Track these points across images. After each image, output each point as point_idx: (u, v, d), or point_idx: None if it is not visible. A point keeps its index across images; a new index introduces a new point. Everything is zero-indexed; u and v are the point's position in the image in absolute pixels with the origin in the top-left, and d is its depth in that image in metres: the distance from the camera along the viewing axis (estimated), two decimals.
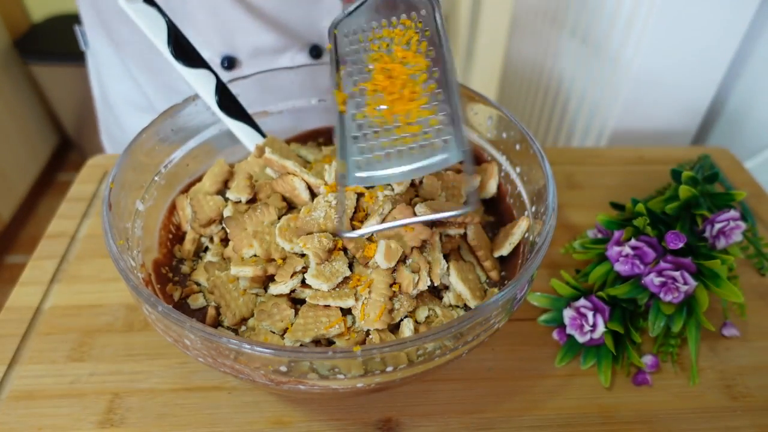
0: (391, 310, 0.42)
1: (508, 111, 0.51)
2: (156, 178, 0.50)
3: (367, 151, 0.38)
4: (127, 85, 0.80)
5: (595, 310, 0.51)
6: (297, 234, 0.44)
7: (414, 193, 0.49)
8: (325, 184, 0.46)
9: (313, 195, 0.48)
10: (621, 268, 0.51)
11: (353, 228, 0.44)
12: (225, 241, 0.50)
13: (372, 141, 0.39)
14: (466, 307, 0.45)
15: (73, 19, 0.83)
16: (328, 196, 0.45)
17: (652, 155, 0.77)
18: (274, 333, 0.43)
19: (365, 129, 0.39)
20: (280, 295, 0.44)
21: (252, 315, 0.45)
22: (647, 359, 0.52)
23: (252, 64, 0.74)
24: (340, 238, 0.40)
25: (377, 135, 0.39)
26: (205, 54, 0.57)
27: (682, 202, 0.55)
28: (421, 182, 0.49)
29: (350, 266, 0.44)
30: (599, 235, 0.59)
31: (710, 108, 0.90)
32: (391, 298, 0.42)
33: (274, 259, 0.45)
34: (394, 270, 0.43)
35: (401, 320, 0.43)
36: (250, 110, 0.52)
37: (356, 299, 0.42)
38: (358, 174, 0.38)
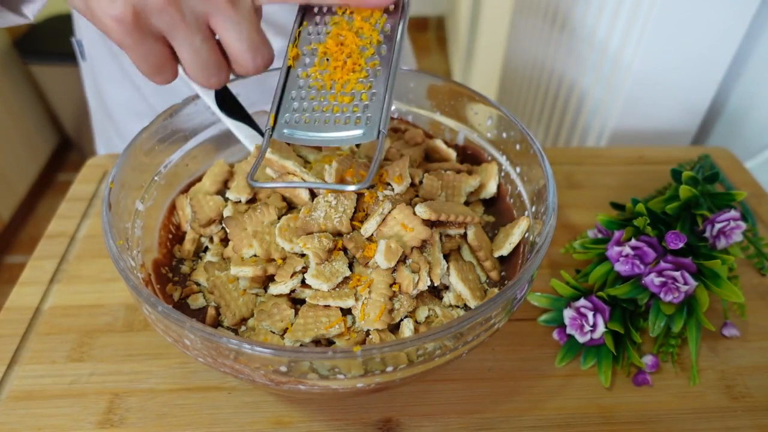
0: (391, 310, 0.42)
1: (508, 111, 0.51)
2: (156, 178, 0.50)
3: (299, 110, 0.40)
4: (128, 93, 0.80)
5: (595, 310, 0.51)
6: (297, 234, 0.44)
7: (414, 193, 0.49)
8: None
9: (313, 195, 0.47)
10: (621, 268, 0.51)
11: (353, 228, 0.45)
12: (225, 241, 0.50)
13: (306, 102, 0.41)
14: (466, 307, 0.45)
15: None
16: (328, 196, 0.45)
17: (653, 155, 0.77)
18: (274, 333, 0.43)
19: (304, 89, 0.41)
20: (280, 295, 0.44)
21: (252, 315, 0.45)
22: (647, 359, 0.52)
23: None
24: (251, 185, 0.41)
25: (312, 98, 0.41)
26: None
27: (683, 202, 0.55)
28: (421, 182, 0.49)
29: (350, 266, 0.44)
30: (599, 235, 0.59)
31: (710, 108, 0.90)
32: (391, 298, 0.42)
33: (274, 259, 0.45)
34: (394, 270, 0.43)
35: (401, 320, 0.43)
36: (250, 110, 0.52)
37: (356, 299, 0.42)
38: (285, 130, 0.40)
